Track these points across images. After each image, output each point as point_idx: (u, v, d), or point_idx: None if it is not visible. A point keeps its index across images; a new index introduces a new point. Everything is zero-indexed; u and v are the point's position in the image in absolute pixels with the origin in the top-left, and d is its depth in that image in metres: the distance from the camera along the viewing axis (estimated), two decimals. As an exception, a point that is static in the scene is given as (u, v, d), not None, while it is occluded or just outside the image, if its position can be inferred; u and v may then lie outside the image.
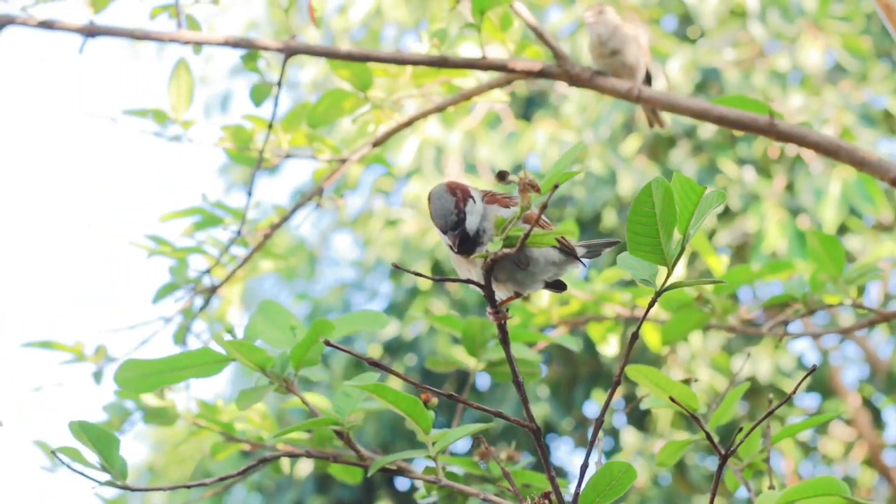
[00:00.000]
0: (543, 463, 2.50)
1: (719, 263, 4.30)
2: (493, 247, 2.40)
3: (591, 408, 10.53)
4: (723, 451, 2.46)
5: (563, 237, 2.69)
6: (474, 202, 2.67)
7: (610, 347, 4.52)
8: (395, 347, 10.41)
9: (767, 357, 9.63)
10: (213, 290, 4.47)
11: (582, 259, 2.80)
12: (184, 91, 4.18)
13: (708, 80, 9.56)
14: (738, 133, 8.75)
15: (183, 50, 4.14)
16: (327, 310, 10.89)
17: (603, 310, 4.47)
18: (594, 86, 4.10)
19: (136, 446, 15.04)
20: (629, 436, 9.98)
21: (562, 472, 10.64)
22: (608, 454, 10.30)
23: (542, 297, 4.47)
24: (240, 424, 3.78)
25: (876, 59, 9.63)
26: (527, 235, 2.32)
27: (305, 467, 10.43)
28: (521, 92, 10.57)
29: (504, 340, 2.51)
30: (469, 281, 2.57)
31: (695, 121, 5.10)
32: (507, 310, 2.57)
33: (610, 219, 9.85)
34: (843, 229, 9.36)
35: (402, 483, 10.92)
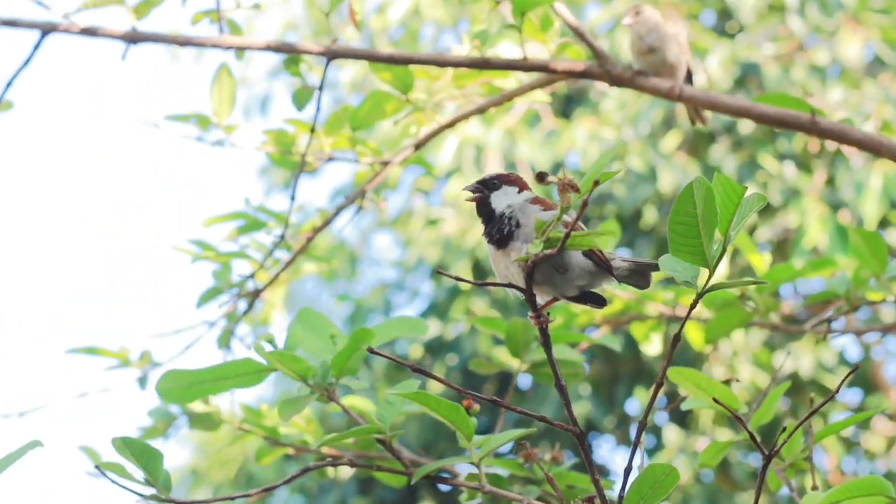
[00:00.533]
0: (588, 467, 2.50)
1: (761, 261, 4.29)
2: (533, 248, 2.40)
3: (633, 406, 10.50)
4: (766, 452, 2.46)
5: (598, 249, 2.68)
6: (517, 193, 2.70)
7: (653, 346, 4.52)
8: (436, 347, 10.40)
9: (809, 353, 9.59)
10: (256, 294, 4.48)
11: (617, 277, 2.79)
12: (226, 96, 4.19)
13: (747, 76, 9.53)
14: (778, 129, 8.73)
15: (223, 54, 4.14)
16: (368, 310, 10.87)
17: (646, 308, 4.46)
18: (636, 85, 4.10)
19: (178, 449, 15.08)
20: (671, 433, 9.95)
21: (604, 471, 10.61)
22: (650, 452, 10.27)
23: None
24: (284, 428, 3.79)
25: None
26: (567, 235, 2.33)
27: (348, 469, 10.42)
28: (561, 90, 10.54)
29: (546, 344, 2.51)
30: (510, 285, 2.57)
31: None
32: (549, 313, 2.57)
33: (650, 216, 9.84)
34: (884, 223, 9.31)
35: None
